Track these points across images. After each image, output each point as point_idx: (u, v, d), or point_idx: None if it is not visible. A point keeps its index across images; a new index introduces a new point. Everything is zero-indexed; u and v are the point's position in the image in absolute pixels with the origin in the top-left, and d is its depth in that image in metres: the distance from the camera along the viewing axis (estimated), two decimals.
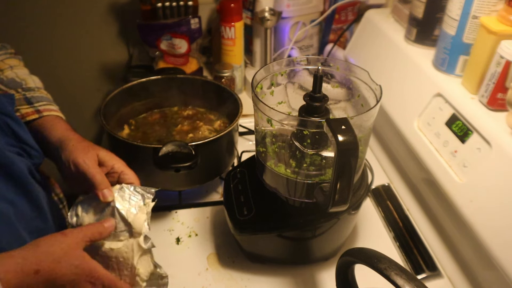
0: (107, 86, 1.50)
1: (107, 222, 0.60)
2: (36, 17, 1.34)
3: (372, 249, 0.51)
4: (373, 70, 0.67)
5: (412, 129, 0.80)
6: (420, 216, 0.84)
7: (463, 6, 0.71)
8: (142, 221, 0.62)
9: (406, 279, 0.45)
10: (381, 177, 0.96)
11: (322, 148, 0.65)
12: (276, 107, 0.72)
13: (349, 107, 0.73)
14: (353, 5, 1.17)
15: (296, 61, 0.72)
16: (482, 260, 0.67)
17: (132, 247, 0.61)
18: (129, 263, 0.61)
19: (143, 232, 0.62)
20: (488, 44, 0.68)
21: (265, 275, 0.75)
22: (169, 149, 0.75)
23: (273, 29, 1.14)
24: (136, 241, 0.61)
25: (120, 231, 0.61)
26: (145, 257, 0.63)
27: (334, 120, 0.54)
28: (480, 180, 0.65)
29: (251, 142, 1.05)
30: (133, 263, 0.61)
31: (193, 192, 0.91)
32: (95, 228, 0.58)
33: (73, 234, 0.55)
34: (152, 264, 0.64)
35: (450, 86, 0.76)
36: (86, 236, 0.56)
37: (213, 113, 0.99)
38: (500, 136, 0.63)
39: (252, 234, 0.70)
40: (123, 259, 0.60)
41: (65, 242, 0.54)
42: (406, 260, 0.77)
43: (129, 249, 0.61)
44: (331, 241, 0.75)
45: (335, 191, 0.55)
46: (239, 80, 1.20)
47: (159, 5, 1.19)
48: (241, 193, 0.73)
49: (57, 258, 0.52)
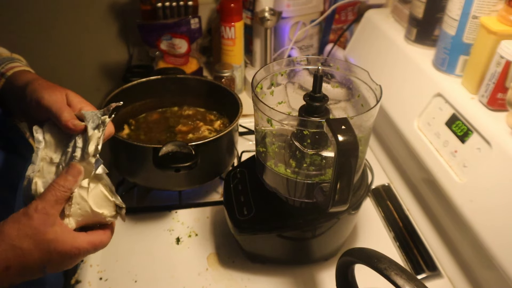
0: (107, 86, 1.50)
1: (70, 171, 0.52)
2: (36, 17, 1.34)
3: (372, 249, 0.51)
4: (373, 70, 0.67)
5: (412, 129, 0.80)
6: (420, 216, 0.84)
7: (463, 6, 0.71)
8: (95, 139, 0.54)
9: (406, 279, 0.45)
10: (381, 177, 0.96)
11: (322, 148, 0.65)
12: (276, 107, 0.72)
13: (349, 107, 0.73)
14: (353, 5, 1.17)
15: (296, 61, 0.72)
16: (482, 260, 0.67)
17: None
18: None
19: (90, 152, 0.54)
20: (488, 44, 0.68)
21: (265, 275, 0.75)
22: (169, 149, 0.75)
23: (273, 29, 1.14)
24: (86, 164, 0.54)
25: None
26: (97, 186, 0.55)
27: (334, 120, 0.54)
28: (480, 180, 0.65)
29: (251, 142, 1.05)
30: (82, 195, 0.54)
31: (193, 192, 0.91)
32: (59, 188, 0.51)
33: (38, 213, 0.49)
34: (108, 193, 0.55)
35: (450, 86, 0.76)
36: (52, 208, 0.50)
37: (213, 113, 0.99)
38: (500, 136, 0.63)
39: (252, 234, 0.70)
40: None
41: (31, 227, 0.49)
42: (406, 260, 0.77)
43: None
44: (331, 241, 0.75)
45: (335, 191, 0.55)
46: (239, 80, 1.20)
47: (159, 5, 1.19)
48: (241, 193, 0.73)
49: (26, 251, 0.48)
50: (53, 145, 0.57)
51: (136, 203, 0.89)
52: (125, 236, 0.81)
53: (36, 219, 0.49)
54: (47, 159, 0.56)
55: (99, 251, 0.75)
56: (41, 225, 0.49)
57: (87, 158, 0.53)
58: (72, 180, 0.52)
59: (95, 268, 0.75)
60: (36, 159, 0.55)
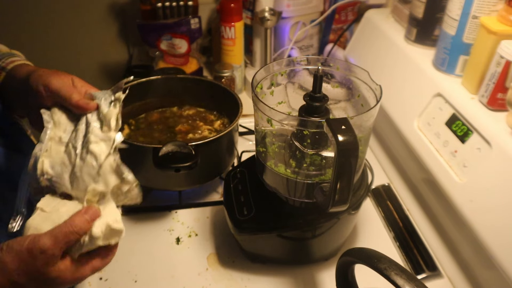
0: (107, 86, 1.50)
1: (90, 212, 0.51)
2: (36, 17, 1.34)
3: (372, 249, 0.51)
4: (373, 70, 0.67)
5: (412, 129, 0.80)
6: (420, 216, 0.84)
7: (463, 6, 0.71)
8: (114, 115, 0.55)
9: (406, 279, 0.45)
10: (381, 177, 0.96)
11: (322, 148, 0.65)
12: (276, 107, 0.72)
13: (349, 107, 0.73)
14: (353, 5, 1.17)
15: (296, 61, 0.72)
16: (482, 260, 0.67)
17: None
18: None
19: (112, 127, 0.55)
20: (488, 44, 0.68)
21: (265, 275, 0.75)
22: (169, 149, 0.75)
23: (273, 29, 1.14)
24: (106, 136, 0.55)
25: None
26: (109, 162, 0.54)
27: (334, 120, 0.54)
28: (480, 180, 0.65)
29: (251, 142, 1.05)
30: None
31: (193, 192, 0.91)
32: (74, 230, 0.48)
33: (44, 255, 0.47)
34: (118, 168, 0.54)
35: (450, 86, 0.76)
36: (60, 250, 0.48)
37: (213, 113, 0.99)
38: (500, 136, 0.63)
39: (252, 234, 0.70)
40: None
41: (34, 267, 0.47)
42: (406, 260, 0.77)
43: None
44: (331, 241, 0.75)
45: (335, 191, 0.55)
46: (239, 80, 1.20)
47: (159, 5, 1.19)
48: (241, 193, 0.73)
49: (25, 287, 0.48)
50: (62, 125, 0.57)
51: None
52: (125, 236, 0.80)
53: (39, 260, 0.47)
54: (55, 139, 0.56)
55: None
56: (44, 267, 0.48)
57: (108, 132, 0.54)
58: (89, 221, 0.50)
59: None
60: (44, 137, 0.55)
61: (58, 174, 0.54)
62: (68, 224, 0.49)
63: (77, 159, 0.54)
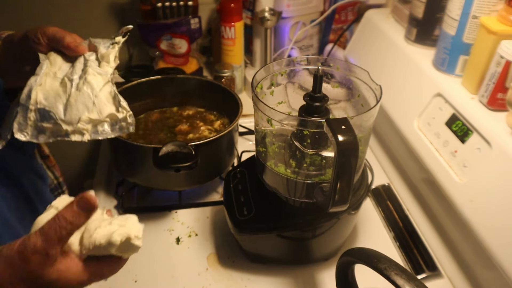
0: None
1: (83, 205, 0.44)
2: (35, 16, 1.34)
3: (372, 249, 0.51)
4: (373, 70, 0.67)
5: (412, 129, 0.80)
6: (420, 216, 0.84)
7: (463, 6, 0.71)
8: (113, 52, 0.59)
9: (406, 279, 0.45)
10: (381, 177, 0.96)
11: (322, 148, 0.65)
12: (276, 107, 0.72)
13: (349, 107, 0.73)
14: (353, 5, 1.17)
15: (296, 61, 0.72)
16: (482, 260, 0.67)
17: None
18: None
19: (110, 62, 0.58)
20: (488, 44, 0.68)
21: (265, 275, 0.75)
22: (169, 149, 0.75)
23: (273, 29, 1.14)
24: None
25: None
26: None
27: (334, 120, 0.54)
28: (480, 180, 0.65)
29: (251, 142, 1.05)
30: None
31: (193, 192, 0.91)
32: (65, 225, 0.43)
33: (36, 255, 0.42)
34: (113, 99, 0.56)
35: (450, 86, 0.76)
36: (53, 248, 0.43)
37: (213, 113, 0.99)
38: (500, 136, 0.63)
39: (252, 234, 0.70)
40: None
41: (29, 271, 0.43)
42: (406, 260, 0.77)
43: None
44: (331, 241, 0.75)
45: (335, 191, 0.55)
46: (239, 80, 1.20)
47: (159, 5, 1.19)
48: (241, 193, 0.73)
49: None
50: (57, 64, 0.59)
51: (136, 203, 0.89)
52: None
53: (33, 263, 0.42)
54: (50, 74, 0.57)
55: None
56: (40, 268, 0.43)
57: (106, 67, 0.57)
58: (83, 217, 0.44)
59: None
60: (40, 72, 0.57)
61: (52, 104, 0.55)
62: (57, 218, 0.43)
63: (72, 89, 0.56)
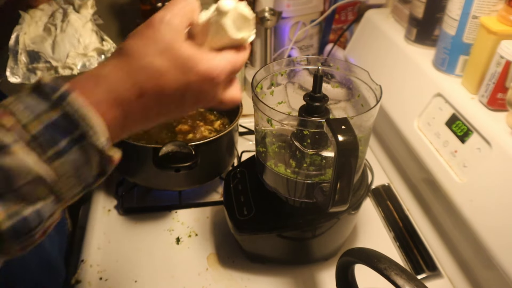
0: None
1: None
2: None
3: (372, 249, 0.51)
4: (373, 70, 0.67)
5: (412, 129, 0.80)
6: (420, 216, 0.84)
7: (463, 6, 0.71)
8: (89, 2, 0.65)
9: (406, 279, 0.45)
10: (381, 177, 0.96)
11: (322, 148, 0.65)
12: (276, 107, 0.72)
13: (349, 107, 0.73)
14: (353, 5, 1.17)
15: (296, 61, 0.72)
16: (482, 260, 0.67)
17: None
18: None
19: (88, 6, 0.64)
20: (488, 44, 0.68)
21: (265, 275, 0.75)
22: (169, 149, 0.75)
23: (273, 29, 1.14)
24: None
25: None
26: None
27: (334, 120, 0.54)
28: (480, 180, 0.65)
29: (251, 142, 1.05)
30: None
31: (193, 192, 0.90)
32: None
33: (165, 25, 0.39)
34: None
35: (450, 86, 0.76)
36: (181, 22, 0.40)
37: (213, 113, 0.99)
38: (500, 136, 0.63)
39: (252, 234, 0.70)
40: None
41: (162, 41, 0.39)
42: (406, 260, 0.77)
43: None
44: (331, 241, 0.75)
45: (335, 191, 0.55)
46: (239, 80, 1.20)
47: (159, 5, 1.19)
48: (241, 193, 0.73)
49: (161, 68, 0.39)
50: (37, 16, 0.63)
51: (136, 203, 0.89)
52: (125, 236, 0.81)
53: (163, 31, 0.39)
54: (33, 24, 0.63)
55: (99, 252, 0.75)
56: (173, 38, 0.39)
57: (85, 11, 0.68)
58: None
59: (95, 268, 0.75)
60: (22, 22, 0.62)
61: (39, 46, 0.61)
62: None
63: (57, 31, 0.61)
